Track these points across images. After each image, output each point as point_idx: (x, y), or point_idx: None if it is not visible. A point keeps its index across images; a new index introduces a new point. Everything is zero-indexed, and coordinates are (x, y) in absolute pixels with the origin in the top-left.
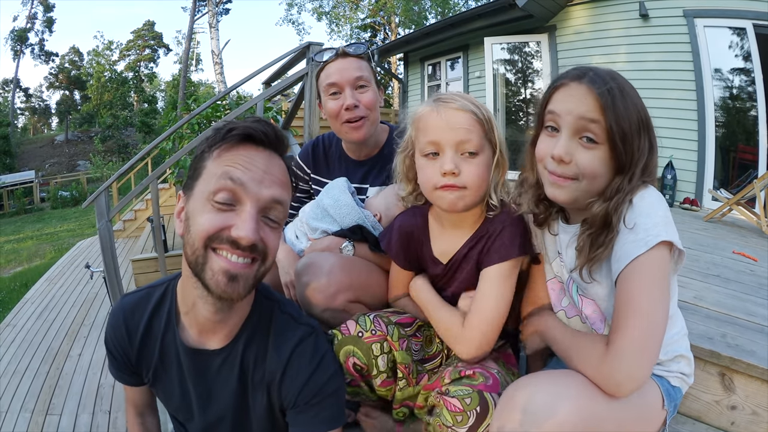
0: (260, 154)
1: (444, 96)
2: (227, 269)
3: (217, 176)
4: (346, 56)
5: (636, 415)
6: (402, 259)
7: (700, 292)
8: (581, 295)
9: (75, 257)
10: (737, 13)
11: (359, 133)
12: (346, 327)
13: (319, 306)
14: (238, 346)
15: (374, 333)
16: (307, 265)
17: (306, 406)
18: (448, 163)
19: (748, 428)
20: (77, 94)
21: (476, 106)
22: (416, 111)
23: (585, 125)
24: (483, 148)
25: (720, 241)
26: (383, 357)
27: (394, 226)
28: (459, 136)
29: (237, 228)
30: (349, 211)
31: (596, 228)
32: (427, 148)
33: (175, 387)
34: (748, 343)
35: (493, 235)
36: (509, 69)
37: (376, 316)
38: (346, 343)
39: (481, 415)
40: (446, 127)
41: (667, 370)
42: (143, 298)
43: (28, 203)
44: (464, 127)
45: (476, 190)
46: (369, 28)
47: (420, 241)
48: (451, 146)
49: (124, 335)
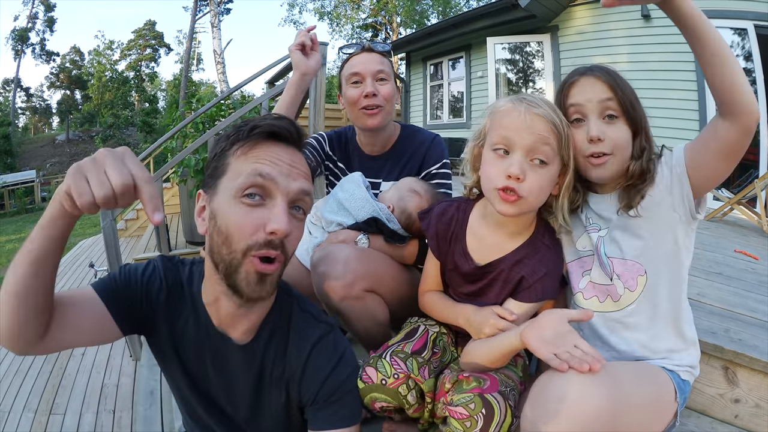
0: (284, 150)
1: (529, 97)
2: (260, 271)
3: (245, 173)
4: (371, 51)
5: (655, 405)
6: (434, 242)
7: (703, 289)
8: (610, 257)
9: (77, 256)
10: (738, 13)
11: (375, 120)
12: (367, 375)
13: (337, 295)
14: (260, 343)
15: (397, 377)
16: (323, 256)
17: (325, 403)
18: (515, 166)
19: (752, 421)
20: (78, 93)
21: (559, 119)
22: (497, 103)
23: (605, 105)
24: (553, 160)
25: (722, 240)
26: (412, 393)
27: (434, 211)
28: (534, 141)
29: (271, 221)
30: (364, 204)
31: (634, 181)
32: (499, 143)
33: (196, 368)
34: (750, 338)
35: (536, 273)
36: (511, 69)
37: (392, 354)
38: (371, 391)
39: (488, 417)
40: (524, 128)
41: (678, 364)
42: (179, 269)
43: (30, 203)
44: (542, 133)
45: (534, 201)
46: (370, 27)
47: (455, 233)
48: (523, 149)
49: (157, 286)
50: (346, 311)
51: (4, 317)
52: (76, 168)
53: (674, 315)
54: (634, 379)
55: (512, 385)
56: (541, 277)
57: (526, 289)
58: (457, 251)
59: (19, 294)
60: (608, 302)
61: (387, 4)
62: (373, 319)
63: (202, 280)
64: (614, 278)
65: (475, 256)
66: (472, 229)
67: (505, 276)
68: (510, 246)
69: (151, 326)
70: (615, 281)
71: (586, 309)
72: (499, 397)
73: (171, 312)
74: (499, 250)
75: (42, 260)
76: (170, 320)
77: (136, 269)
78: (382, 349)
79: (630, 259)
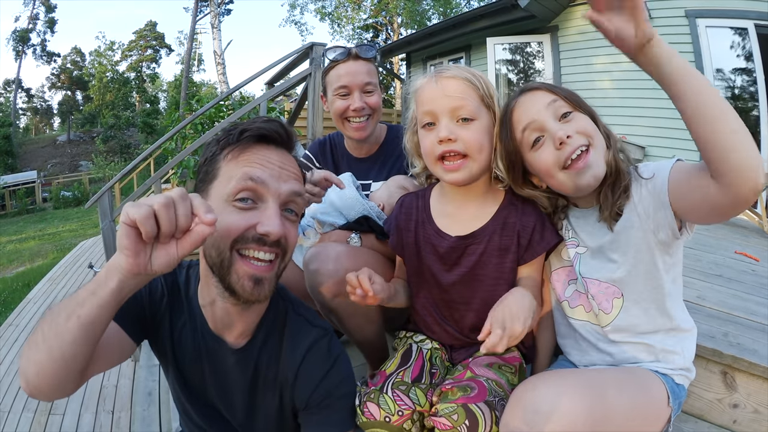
0: (274, 152)
1: (440, 68)
2: (253, 274)
3: (236, 177)
4: (357, 59)
5: (642, 412)
6: (395, 237)
7: (703, 292)
8: (585, 277)
9: (77, 257)
10: (739, 13)
11: (363, 132)
12: (369, 412)
13: (329, 291)
14: (255, 345)
15: (401, 414)
16: (315, 254)
17: (318, 407)
18: (443, 130)
19: (750, 426)
20: (79, 94)
21: (471, 74)
22: (414, 84)
23: (555, 108)
24: (479, 113)
25: (722, 241)
26: (416, 425)
27: (395, 206)
28: (452, 102)
29: (263, 224)
30: (354, 204)
31: (613, 176)
32: (424, 118)
33: (191, 371)
34: (750, 342)
35: (527, 226)
36: (511, 69)
37: (393, 388)
38: (373, 427)
39: (471, 427)
40: (439, 95)
41: (670, 368)
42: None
43: (30, 203)
44: (456, 93)
45: (478, 157)
46: (371, 28)
47: (419, 219)
48: (445, 113)
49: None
50: (339, 309)
51: (44, 379)
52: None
53: (664, 325)
54: (618, 386)
55: (501, 394)
56: (534, 225)
57: (528, 247)
58: (430, 233)
59: (66, 359)
60: (592, 314)
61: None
62: (366, 316)
63: (198, 283)
64: (589, 297)
65: (452, 232)
66: (437, 210)
67: (497, 243)
68: (486, 214)
69: (156, 331)
70: (591, 301)
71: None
72: (484, 407)
73: (172, 315)
74: (477, 220)
75: (94, 325)
76: (171, 323)
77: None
78: (382, 380)
79: (605, 282)
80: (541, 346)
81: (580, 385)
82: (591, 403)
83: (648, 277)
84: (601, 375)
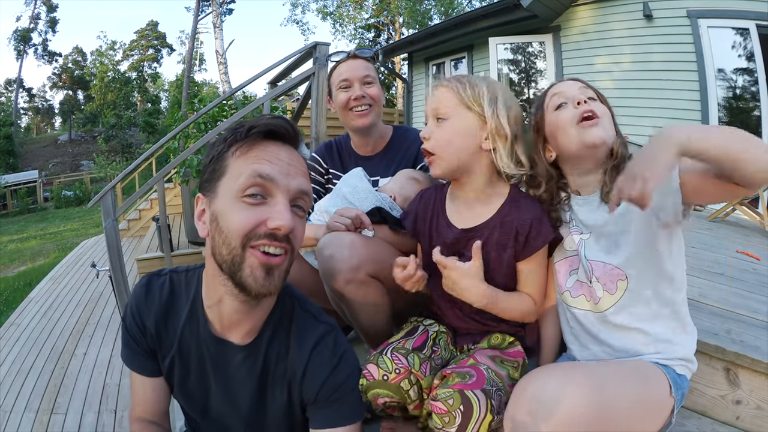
0: (282, 148)
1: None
2: (264, 263)
3: (245, 174)
4: (356, 58)
5: (645, 402)
6: (412, 221)
7: (705, 290)
8: (590, 260)
9: (79, 256)
10: (741, 13)
11: (365, 119)
12: (368, 372)
13: (343, 277)
14: (262, 342)
15: (398, 372)
16: (329, 241)
17: (326, 402)
18: (425, 129)
19: (753, 422)
20: (80, 94)
21: (456, 80)
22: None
23: (584, 91)
24: (454, 114)
25: (723, 240)
26: (413, 388)
27: (416, 196)
28: (433, 106)
29: (273, 219)
30: (367, 195)
31: (616, 160)
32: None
33: (194, 377)
34: (752, 339)
35: (524, 224)
36: (513, 69)
37: (393, 351)
38: (373, 387)
39: (466, 413)
40: (429, 102)
41: (669, 358)
42: (167, 281)
43: (32, 203)
44: (437, 97)
45: (446, 154)
46: (373, 28)
47: (435, 210)
48: (430, 116)
49: (145, 313)
50: (350, 296)
51: None
52: None
53: (666, 313)
54: (621, 377)
55: (499, 384)
56: (531, 223)
57: (524, 243)
58: (441, 224)
59: None
60: (593, 302)
61: (389, 4)
62: (376, 307)
63: (200, 285)
64: (593, 281)
65: (458, 224)
66: (450, 204)
67: (496, 239)
68: (490, 210)
69: (159, 344)
70: (594, 284)
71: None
72: (480, 394)
73: (168, 324)
74: (481, 215)
75: None
76: (169, 331)
77: (131, 312)
78: (383, 347)
79: (610, 264)
80: (546, 341)
81: (584, 376)
82: (595, 393)
83: (650, 260)
84: (604, 367)
